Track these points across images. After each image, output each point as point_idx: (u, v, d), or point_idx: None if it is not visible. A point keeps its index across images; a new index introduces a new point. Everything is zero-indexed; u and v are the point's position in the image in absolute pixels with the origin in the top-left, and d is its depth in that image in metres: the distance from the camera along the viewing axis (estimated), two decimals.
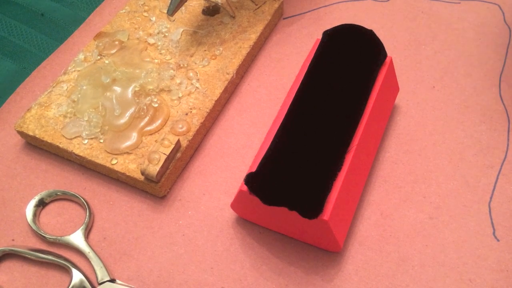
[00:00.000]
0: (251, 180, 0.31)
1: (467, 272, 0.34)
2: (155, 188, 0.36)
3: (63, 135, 0.38)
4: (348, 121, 0.34)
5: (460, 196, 0.37)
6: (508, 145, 0.39)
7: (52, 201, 0.38)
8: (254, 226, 0.36)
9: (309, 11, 0.48)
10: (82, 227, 0.36)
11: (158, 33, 0.44)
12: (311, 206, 0.30)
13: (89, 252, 0.35)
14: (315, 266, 0.34)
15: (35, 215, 0.36)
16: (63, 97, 0.40)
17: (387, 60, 0.37)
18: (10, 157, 0.40)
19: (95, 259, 0.34)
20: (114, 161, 0.37)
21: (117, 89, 0.40)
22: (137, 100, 0.40)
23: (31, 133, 0.38)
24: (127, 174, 0.36)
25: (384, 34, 0.46)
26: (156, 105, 0.39)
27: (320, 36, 0.38)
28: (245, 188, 0.31)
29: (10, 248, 0.35)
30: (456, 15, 0.48)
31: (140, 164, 0.36)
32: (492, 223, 0.36)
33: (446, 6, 0.48)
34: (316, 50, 0.37)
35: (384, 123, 0.39)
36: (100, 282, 0.34)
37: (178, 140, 0.37)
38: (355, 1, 0.49)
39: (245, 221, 0.36)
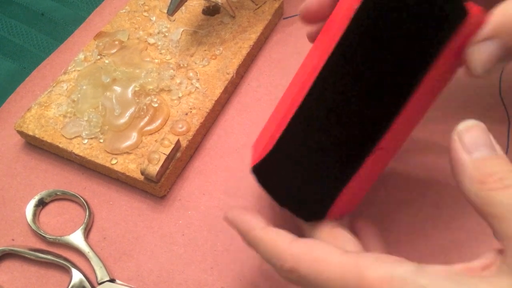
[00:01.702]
0: (258, 170, 0.30)
1: None
2: (155, 188, 0.36)
3: (63, 135, 0.38)
4: (383, 113, 0.26)
5: (460, 196, 0.37)
6: (508, 145, 0.39)
7: (52, 201, 0.38)
8: None
9: None
10: (81, 227, 0.36)
11: (158, 33, 0.44)
12: (312, 215, 0.29)
13: (88, 252, 0.35)
14: None
15: (35, 215, 0.36)
16: (63, 97, 0.40)
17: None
18: (10, 157, 0.40)
19: (94, 259, 0.34)
20: (114, 161, 0.37)
21: (117, 89, 0.40)
22: (137, 100, 0.40)
23: (31, 133, 0.38)
24: (127, 174, 0.36)
25: None
26: (156, 105, 0.39)
27: None
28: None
29: (10, 248, 0.35)
30: None
31: (140, 164, 0.36)
32: None
33: None
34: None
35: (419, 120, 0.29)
36: (99, 282, 0.34)
37: (178, 140, 0.37)
38: None
39: None
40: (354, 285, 0.22)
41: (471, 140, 0.23)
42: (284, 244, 0.25)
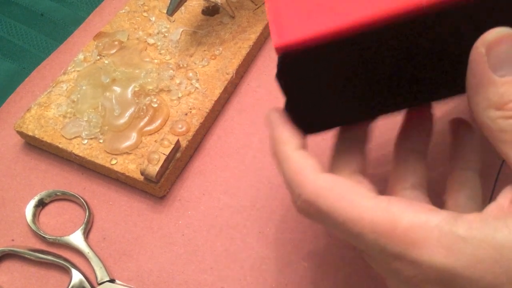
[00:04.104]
0: (283, 68, 0.22)
1: None
2: (155, 188, 0.36)
3: (63, 135, 0.38)
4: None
5: None
6: None
7: (51, 201, 0.38)
8: (254, 226, 0.36)
9: None
10: (81, 227, 0.36)
11: (157, 33, 0.44)
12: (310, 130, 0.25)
13: (88, 252, 0.35)
14: (315, 265, 0.34)
15: (35, 215, 0.36)
16: (63, 97, 0.40)
17: None
18: (10, 157, 0.40)
19: (94, 259, 0.34)
20: (113, 161, 0.37)
21: (117, 89, 0.40)
22: (137, 100, 0.40)
23: (30, 133, 0.38)
24: (127, 174, 0.36)
25: None
26: (156, 105, 0.39)
27: None
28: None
29: (10, 248, 0.35)
30: None
31: (140, 164, 0.36)
32: None
33: None
34: None
35: None
36: (99, 282, 0.34)
37: (178, 140, 0.37)
38: None
39: (245, 221, 0.36)
40: (385, 231, 0.20)
41: (499, 55, 0.20)
42: (310, 172, 0.23)
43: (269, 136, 0.26)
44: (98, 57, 0.43)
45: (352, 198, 0.21)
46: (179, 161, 0.37)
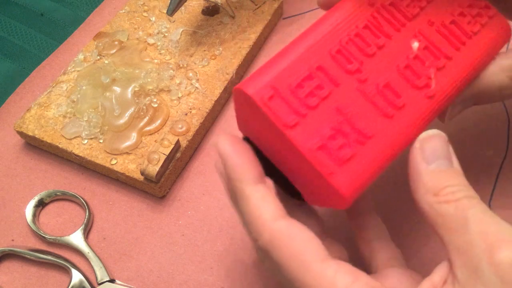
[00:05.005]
0: None
1: None
2: (155, 188, 0.36)
3: (63, 135, 0.38)
4: None
5: None
6: (508, 145, 0.39)
7: (51, 201, 0.38)
8: None
9: (309, 11, 0.48)
10: (81, 227, 0.36)
11: (157, 33, 0.44)
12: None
13: (88, 252, 0.35)
14: None
15: (35, 215, 0.36)
16: (63, 97, 0.40)
17: None
18: (10, 157, 0.40)
19: (94, 259, 0.34)
20: (113, 161, 0.37)
21: (117, 89, 0.40)
22: (137, 100, 0.40)
23: (30, 133, 0.38)
24: (127, 174, 0.36)
25: None
26: (156, 105, 0.39)
27: None
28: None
29: (9, 248, 0.35)
30: None
31: (140, 164, 0.36)
32: None
33: None
34: None
35: None
36: (99, 282, 0.34)
37: (178, 140, 0.37)
38: None
39: None
40: None
41: (431, 150, 0.23)
42: (268, 218, 0.22)
43: (221, 170, 0.24)
44: (98, 57, 0.43)
45: (302, 258, 0.22)
46: (179, 161, 0.37)
